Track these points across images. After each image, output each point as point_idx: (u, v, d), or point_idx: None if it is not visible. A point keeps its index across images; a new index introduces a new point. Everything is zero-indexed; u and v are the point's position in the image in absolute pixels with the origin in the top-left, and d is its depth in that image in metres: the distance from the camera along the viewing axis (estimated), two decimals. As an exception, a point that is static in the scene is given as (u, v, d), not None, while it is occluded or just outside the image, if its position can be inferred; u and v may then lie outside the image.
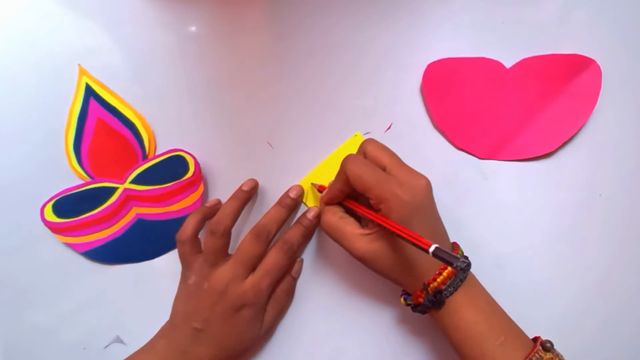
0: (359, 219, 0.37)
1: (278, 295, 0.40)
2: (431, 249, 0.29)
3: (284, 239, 0.39)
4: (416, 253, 0.33)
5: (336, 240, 0.36)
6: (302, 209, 0.42)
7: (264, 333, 0.40)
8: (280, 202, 0.40)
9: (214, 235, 0.37)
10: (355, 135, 0.42)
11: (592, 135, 0.41)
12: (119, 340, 0.43)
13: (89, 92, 0.42)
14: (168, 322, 0.39)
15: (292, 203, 0.40)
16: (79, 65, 0.42)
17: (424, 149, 0.42)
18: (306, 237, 0.41)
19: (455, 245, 0.37)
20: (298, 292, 0.42)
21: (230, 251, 0.39)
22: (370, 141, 0.36)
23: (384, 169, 0.34)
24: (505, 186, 0.41)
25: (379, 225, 0.33)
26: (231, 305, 0.37)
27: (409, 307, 0.37)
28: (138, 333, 0.39)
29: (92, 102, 0.42)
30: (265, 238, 0.38)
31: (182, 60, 0.42)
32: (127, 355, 0.38)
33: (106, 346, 0.43)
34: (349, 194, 0.37)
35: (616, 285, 0.41)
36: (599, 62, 0.39)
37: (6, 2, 0.42)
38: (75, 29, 0.42)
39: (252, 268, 0.38)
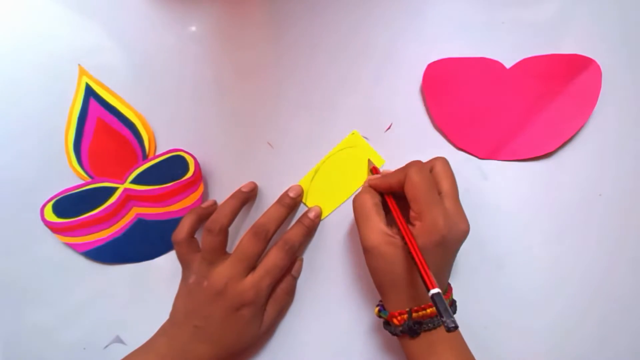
0: (387, 213, 0.36)
1: (278, 294, 0.40)
2: (431, 292, 0.29)
3: (285, 238, 0.39)
4: (417, 279, 0.33)
5: (358, 220, 0.36)
6: (302, 208, 0.42)
7: (264, 332, 0.40)
8: (279, 201, 0.40)
9: (211, 233, 0.37)
10: (352, 133, 0.42)
11: (592, 135, 0.41)
12: (119, 340, 0.43)
13: (89, 92, 0.42)
14: (168, 320, 0.39)
15: (291, 202, 0.40)
16: (79, 65, 0.42)
17: (424, 149, 0.41)
18: (307, 237, 0.42)
19: (449, 288, 0.37)
20: (298, 291, 0.42)
21: (229, 250, 0.39)
22: (442, 161, 0.36)
23: (439, 192, 0.34)
24: (505, 186, 0.41)
25: (403, 240, 0.33)
26: (231, 303, 0.37)
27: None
28: (138, 333, 0.39)
29: (92, 102, 0.42)
30: (264, 236, 0.38)
31: (182, 60, 0.42)
32: (126, 355, 0.38)
33: (106, 346, 0.43)
34: (394, 193, 0.37)
35: (616, 285, 0.41)
36: (599, 62, 0.39)
37: (6, 2, 0.42)
38: (75, 29, 0.42)
39: (252, 266, 0.38)
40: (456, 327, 0.28)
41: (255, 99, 0.42)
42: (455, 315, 0.35)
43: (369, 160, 0.41)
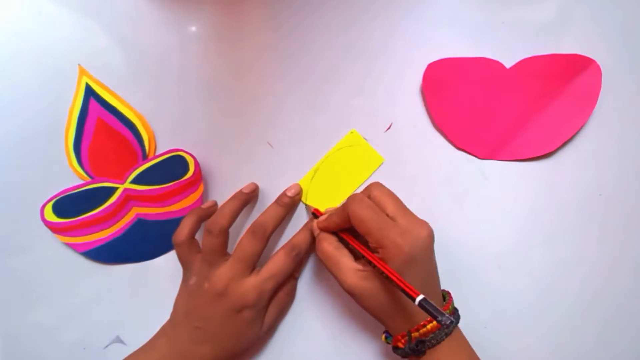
0: (351, 250, 0.36)
1: (279, 295, 0.40)
2: (417, 300, 0.29)
3: (293, 244, 0.39)
4: (405, 299, 0.33)
5: (329, 269, 0.36)
6: (301, 208, 0.42)
7: (265, 333, 0.40)
8: (278, 201, 0.40)
9: (211, 234, 0.37)
10: (351, 132, 0.42)
11: (592, 135, 0.41)
12: (119, 340, 0.43)
13: (89, 92, 0.42)
14: (169, 321, 0.39)
15: (289, 202, 0.40)
16: (79, 65, 0.42)
17: (424, 149, 0.42)
18: (314, 243, 0.42)
19: (449, 296, 0.36)
20: (299, 292, 0.42)
21: (230, 251, 0.39)
22: (376, 185, 0.36)
23: (387, 215, 0.34)
24: (505, 186, 0.41)
25: (373, 265, 0.33)
26: (232, 305, 0.37)
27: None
28: (138, 333, 0.39)
29: (92, 102, 0.42)
30: (262, 235, 0.38)
31: (182, 60, 0.42)
32: (127, 355, 0.38)
33: (106, 346, 0.43)
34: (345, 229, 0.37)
35: (616, 285, 0.41)
36: (599, 62, 0.39)
37: (6, 2, 0.42)
38: (76, 29, 0.42)
39: (252, 266, 0.38)
40: (452, 322, 0.28)
41: (255, 99, 0.42)
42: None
43: (306, 205, 0.41)
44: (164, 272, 0.43)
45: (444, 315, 0.28)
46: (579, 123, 0.40)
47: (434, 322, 0.33)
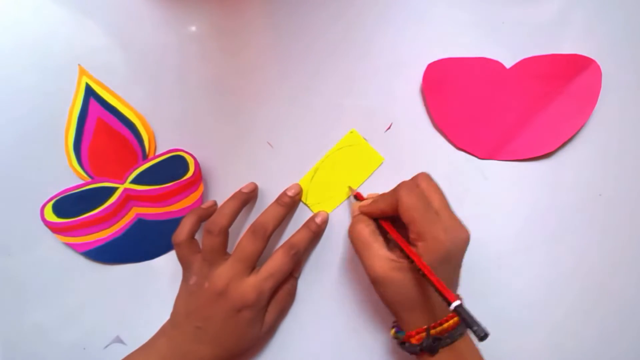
0: (386, 239, 0.36)
1: (280, 295, 0.40)
2: (453, 305, 0.29)
3: (291, 243, 0.39)
4: (432, 296, 0.33)
5: (359, 252, 0.35)
6: (301, 207, 0.42)
7: (265, 333, 0.40)
8: (278, 200, 0.40)
9: (211, 234, 0.37)
10: (351, 132, 0.42)
11: (592, 135, 0.41)
12: (119, 340, 0.43)
13: (89, 92, 0.42)
14: (169, 321, 0.39)
15: (290, 201, 0.40)
16: (79, 65, 0.42)
17: (424, 149, 0.42)
18: (313, 242, 0.42)
19: (460, 299, 0.36)
20: (299, 292, 0.42)
21: (230, 251, 0.39)
22: (424, 176, 0.36)
23: (432, 208, 0.34)
24: (505, 186, 0.41)
25: (409, 259, 0.33)
26: (232, 304, 0.37)
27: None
28: (138, 333, 0.39)
29: (92, 102, 0.42)
30: (262, 235, 0.38)
31: (182, 60, 0.42)
32: (126, 355, 0.38)
33: (106, 346, 0.43)
34: (387, 216, 0.36)
35: (616, 285, 0.41)
36: (599, 62, 0.39)
37: (6, 2, 0.42)
38: (76, 29, 0.42)
39: (252, 266, 0.38)
40: (487, 335, 0.27)
41: (255, 99, 0.42)
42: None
43: (349, 187, 0.41)
44: (164, 272, 0.43)
45: (479, 325, 0.28)
46: (579, 123, 0.40)
47: (452, 321, 0.33)
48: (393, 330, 0.36)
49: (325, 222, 0.41)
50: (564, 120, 0.40)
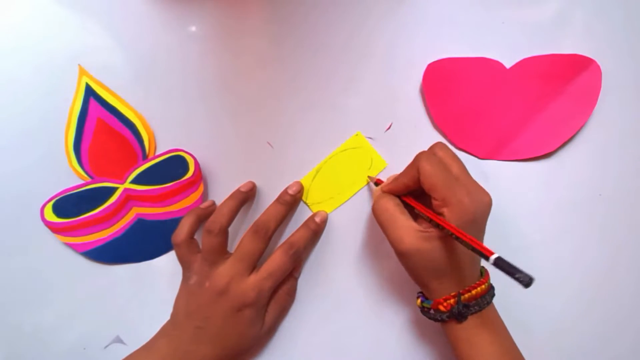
0: (411, 214, 0.36)
1: (280, 295, 0.40)
2: (492, 258, 0.29)
3: (291, 242, 0.39)
4: (463, 262, 0.33)
5: (384, 226, 0.35)
6: (302, 207, 0.42)
7: (265, 333, 0.40)
8: (279, 199, 0.40)
9: (210, 234, 0.37)
10: (357, 134, 0.42)
11: (592, 135, 0.41)
12: (119, 340, 0.43)
13: (89, 92, 0.42)
14: (169, 321, 0.39)
15: (291, 200, 0.40)
16: (79, 65, 0.42)
17: (424, 149, 0.41)
18: (313, 241, 0.42)
19: (485, 272, 0.36)
20: (299, 292, 0.42)
21: (230, 250, 0.39)
22: (440, 146, 0.36)
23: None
24: (505, 186, 0.41)
25: (437, 227, 0.33)
26: (232, 304, 0.37)
27: (419, 310, 0.36)
28: (138, 333, 0.39)
29: (92, 102, 0.42)
30: (264, 235, 0.38)
31: (183, 61, 0.42)
32: (127, 355, 0.38)
33: (106, 346, 0.43)
34: (410, 192, 0.37)
35: (616, 285, 0.41)
36: (599, 62, 0.40)
37: (6, 2, 0.42)
38: (76, 29, 0.42)
39: (253, 265, 0.38)
40: (532, 279, 0.27)
41: (255, 99, 0.42)
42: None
43: (368, 176, 0.41)
44: (164, 272, 0.43)
45: (522, 272, 0.28)
46: (579, 123, 0.40)
47: (480, 288, 0.34)
48: (419, 300, 0.36)
49: (324, 221, 0.41)
50: (564, 120, 0.40)
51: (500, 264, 0.28)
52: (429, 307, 0.35)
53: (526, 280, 0.27)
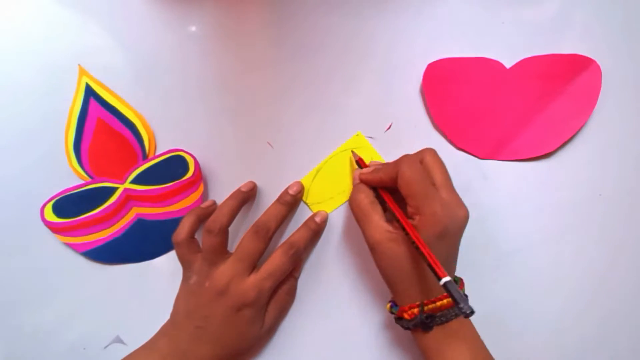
0: (385, 210, 0.36)
1: (280, 295, 0.40)
2: (443, 280, 0.29)
3: (291, 242, 0.39)
4: (425, 272, 0.33)
5: (358, 221, 0.36)
6: (302, 207, 0.42)
7: (265, 333, 0.40)
8: (279, 199, 0.40)
9: (210, 233, 0.37)
10: (357, 134, 0.42)
11: (592, 135, 0.41)
12: (119, 340, 0.43)
13: (89, 92, 0.42)
14: (169, 320, 0.39)
15: (291, 200, 0.40)
16: (79, 65, 0.42)
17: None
18: (313, 241, 0.42)
19: (460, 282, 0.37)
20: (299, 291, 0.42)
21: (230, 250, 0.39)
22: (430, 151, 0.36)
23: (432, 184, 0.34)
24: (505, 186, 0.41)
25: (404, 231, 0.33)
26: (232, 303, 0.37)
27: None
28: (138, 333, 0.39)
29: (92, 102, 0.42)
30: (264, 235, 0.38)
31: (183, 61, 0.42)
32: (126, 355, 0.38)
33: (106, 346, 0.43)
34: (387, 187, 0.37)
35: (616, 285, 0.41)
36: (599, 62, 0.40)
37: (6, 3, 0.42)
38: (76, 29, 0.42)
39: (253, 265, 0.38)
40: (473, 312, 0.28)
41: (255, 99, 0.42)
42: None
43: (352, 152, 0.41)
44: (164, 272, 0.43)
45: (466, 303, 0.28)
46: (579, 123, 0.40)
47: (446, 300, 0.33)
48: (389, 305, 0.37)
49: (324, 221, 0.41)
50: (564, 120, 0.40)
51: (449, 288, 0.29)
52: (396, 314, 0.36)
53: (467, 312, 0.28)
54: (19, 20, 0.42)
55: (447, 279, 0.29)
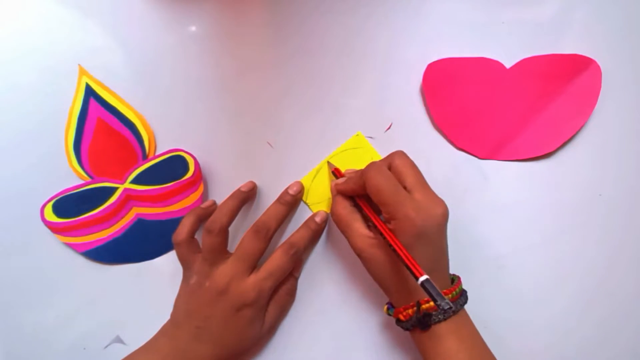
0: (365, 216, 0.37)
1: (280, 295, 0.40)
2: (420, 279, 0.29)
3: (291, 242, 0.39)
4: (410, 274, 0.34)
5: (342, 231, 0.37)
6: (302, 207, 0.42)
7: (265, 333, 0.40)
8: (279, 199, 0.40)
9: (211, 233, 0.37)
10: (357, 134, 0.42)
11: (592, 135, 0.41)
12: (119, 340, 0.43)
13: (89, 92, 0.42)
14: (169, 321, 0.39)
15: (291, 200, 0.40)
16: (79, 65, 0.42)
17: (424, 149, 0.42)
18: (313, 241, 0.42)
19: (458, 280, 0.37)
20: (299, 292, 0.42)
21: (230, 250, 0.39)
22: (399, 154, 0.36)
23: (405, 187, 0.34)
24: (505, 186, 0.41)
25: (383, 236, 0.33)
26: (232, 303, 0.37)
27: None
28: (138, 333, 0.39)
29: (92, 102, 0.42)
30: (264, 235, 0.38)
31: (182, 60, 0.42)
32: (126, 355, 0.38)
33: (106, 346, 0.43)
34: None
35: (616, 285, 0.41)
36: (599, 62, 0.39)
37: (7, 2, 0.42)
38: (76, 29, 0.42)
39: (253, 265, 0.38)
40: (451, 307, 0.29)
41: (255, 99, 0.42)
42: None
43: (328, 162, 0.41)
44: (164, 272, 0.43)
45: (443, 299, 0.28)
46: (579, 123, 0.40)
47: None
48: (386, 307, 0.37)
49: (325, 221, 0.41)
50: (564, 120, 0.40)
51: (427, 286, 0.29)
52: (392, 316, 0.36)
53: (445, 308, 0.28)
54: (19, 21, 0.42)
55: (423, 277, 0.29)
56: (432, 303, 0.33)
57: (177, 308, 0.39)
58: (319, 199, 0.42)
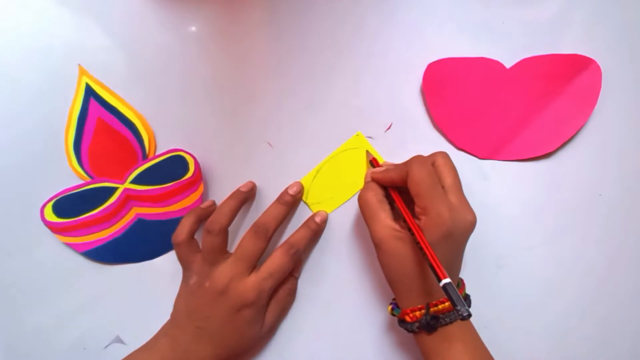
0: (393, 209, 0.36)
1: (280, 295, 0.40)
2: (443, 282, 0.29)
3: (291, 242, 0.39)
4: (429, 274, 0.34)
5: (365, 217, 0.36)
6: (302, 207, 0.42)
7: (265, 333, 0.40)
8: (279, 199, 0.40)
9: (210, 233, 0.37)
10: (357, 134, 0.42)
11: (592, 135, 0.41)
12: (119, 340, 0.43)
13: (89, 92, 0.42)
14: (169, 321, 0.39)
15: (291, 200, 0.40)
16: (79, 65, 0.42)
17: (424, 149, 0.41)
18: (313, 241, 0.42)
19: (462, 284, 0.37)
20: (299, 292, 0.42)
21: (230, 250, 0.39)
22: (442, 154, 0.36)
23: (442, 186, 0.34)
24: (505, 186, 0.41)
25: (410, 231, 0.33)
26: (232, 303, 0.37)
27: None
28: (138, 333, 0.39)
29: (92, 102, 0.42)
30: (264, 235, 0.38)
31: (182, 60, 0.42)
32: (126, 355, 0.38)
33: (106, 346, 0.43)
34: (397, 186, 0.37)
35: (616, 285, 0.41)
36: (599, 62, 0.39)
37: (6, 2, 0.42)
38: (76, 29, 0.42)
39: (253, 265, 0.38)
40: (470, 315, 0.28)
41: (255, 99, 0.42)
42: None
43: (367, 152, 0.41)
44: (164, 272, 0.43)
45: (464, 305, 0.28)
46: (579, 123, 0.40)
47: (449, 303, 0.33)
48: (390, 307, 0.37)
49: (324, 221, 0.41)
50: (564, 120, 0.40)
51: (448, 290, 0.29)
52: (397, 317, 0.36)
53: (464, 315, 0.28)
54: (19, 21, 0.42)
55: (446, 280, 0.29)
56: (440, 306, 0.33)
57: (177, 308, 0.39)
58: (319, 199, 0.42)
